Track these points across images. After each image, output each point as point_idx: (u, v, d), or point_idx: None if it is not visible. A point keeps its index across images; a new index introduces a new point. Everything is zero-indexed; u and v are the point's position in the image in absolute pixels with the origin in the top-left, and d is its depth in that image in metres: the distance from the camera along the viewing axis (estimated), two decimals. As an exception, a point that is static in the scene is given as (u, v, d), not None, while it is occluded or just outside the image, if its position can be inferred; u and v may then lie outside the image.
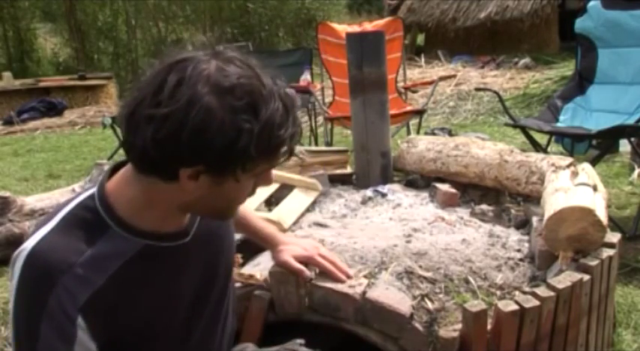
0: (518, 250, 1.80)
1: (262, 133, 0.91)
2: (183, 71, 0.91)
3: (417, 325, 1.42)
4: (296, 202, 2.21)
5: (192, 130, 0.89)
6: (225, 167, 0.94)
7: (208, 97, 0.89)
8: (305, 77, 4.87)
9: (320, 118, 5.04)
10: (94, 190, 1.03)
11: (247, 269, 1.65)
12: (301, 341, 1.33)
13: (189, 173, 0.94)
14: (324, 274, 1.48)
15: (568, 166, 1.97)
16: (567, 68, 7.00)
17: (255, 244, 1.69)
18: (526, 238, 1.90)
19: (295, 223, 2.06)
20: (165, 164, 0.93)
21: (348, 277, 1.48)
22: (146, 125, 0.90)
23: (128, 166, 1.03)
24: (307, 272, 1.45)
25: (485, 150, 2.31)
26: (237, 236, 1.97)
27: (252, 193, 1.05)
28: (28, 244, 0.97)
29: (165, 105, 0.89)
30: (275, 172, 2.36)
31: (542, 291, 1.43)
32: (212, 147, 0.90)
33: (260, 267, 1.66)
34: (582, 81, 3.62)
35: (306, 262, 1.46)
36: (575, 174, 1.90)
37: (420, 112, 4.37)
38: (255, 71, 0.95)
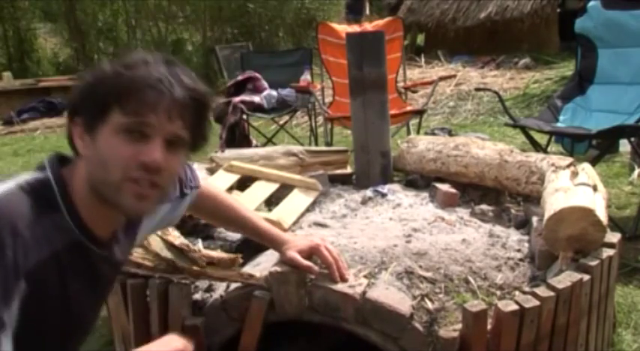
0: (518, 250, 1.80)
1: (112, 72, 0.99)
2: None
3: (417, 325, 1.42)
4: (296, 202, 2.21)
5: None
6: (89, 112, 0.99)
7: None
8: (305, 77, 4.86)
9: (320, 118, 5.03)
10: (42, 174, 1.02)
11: (247, 269, 1.64)
12: None
13: (78, 132, 1.02)
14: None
15: (568, 166, 1.97)
16: (567, 68, 7.00)
17: (255, 244, 1.69)
18: (526, 238, 1.90)
19: (295, 223, 2.06)
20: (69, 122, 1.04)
21: (344, 279, 1.48)
22: None
23: None
24: (316, 268, 1.46)
25: (485, 150, 2.31)
26: (237, 236, 1.98)
27: (137, 160, 0.98)
28: None
29: None
30: (275, 172, 2.37)
31: (542, 291, 1.43)
32: (80, 91, 1.01)
33: (260, 267, 1.66)
34: (582, 81, 3.61)
35: (311, 253, 1.48)
36: (575, 174, 1.90)
37: (420, 112, 4.36)
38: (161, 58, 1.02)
